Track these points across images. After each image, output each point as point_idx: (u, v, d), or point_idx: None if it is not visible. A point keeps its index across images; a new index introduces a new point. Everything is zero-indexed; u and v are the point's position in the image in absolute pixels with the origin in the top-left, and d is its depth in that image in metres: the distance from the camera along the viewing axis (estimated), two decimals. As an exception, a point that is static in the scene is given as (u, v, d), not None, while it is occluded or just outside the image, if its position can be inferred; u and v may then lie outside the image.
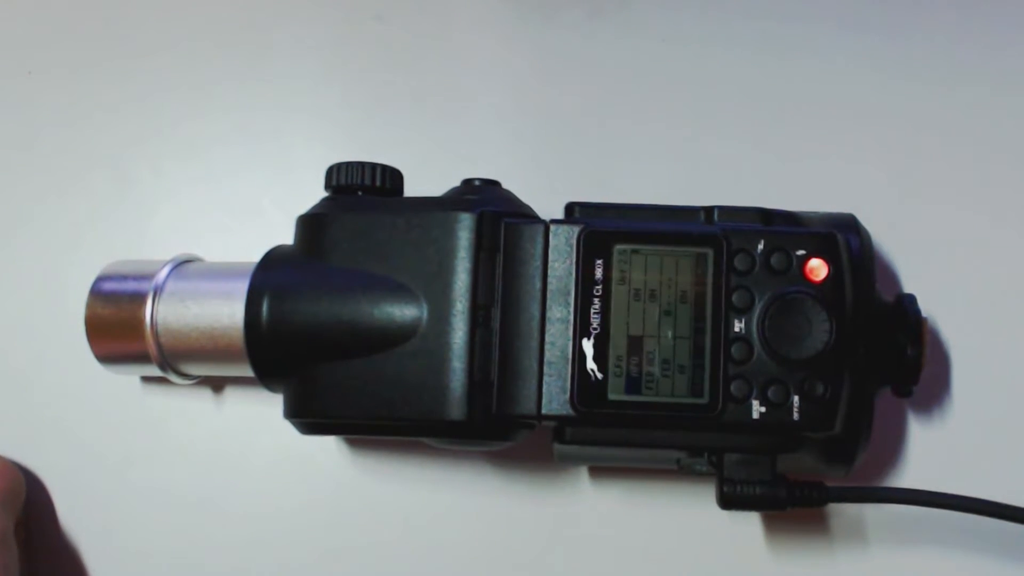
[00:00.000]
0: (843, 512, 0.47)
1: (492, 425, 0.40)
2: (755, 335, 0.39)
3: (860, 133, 0.50)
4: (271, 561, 0.48)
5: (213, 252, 0.46)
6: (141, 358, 0.44)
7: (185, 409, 0.49)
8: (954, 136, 0.50)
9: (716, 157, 0.50)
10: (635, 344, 0.40)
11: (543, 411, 0.40)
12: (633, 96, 0.51)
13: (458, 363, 0.40)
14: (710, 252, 0.40)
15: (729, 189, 0.47)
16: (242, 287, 0.42)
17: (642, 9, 0.52)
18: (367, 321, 0.40)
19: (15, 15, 0.54)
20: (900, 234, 0.48)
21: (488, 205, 0.41)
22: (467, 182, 0.43)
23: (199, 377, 0.47)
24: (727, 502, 0.40)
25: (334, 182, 0.44)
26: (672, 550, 0.47)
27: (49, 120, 0.53)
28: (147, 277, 0.44)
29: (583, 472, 0.48)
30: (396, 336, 0.40)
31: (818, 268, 0.40)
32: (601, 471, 0.48)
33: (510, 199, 0.43)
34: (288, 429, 0.44)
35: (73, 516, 0.48)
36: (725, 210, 0.42)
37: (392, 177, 0.44)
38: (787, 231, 0.41)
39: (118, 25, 0.53)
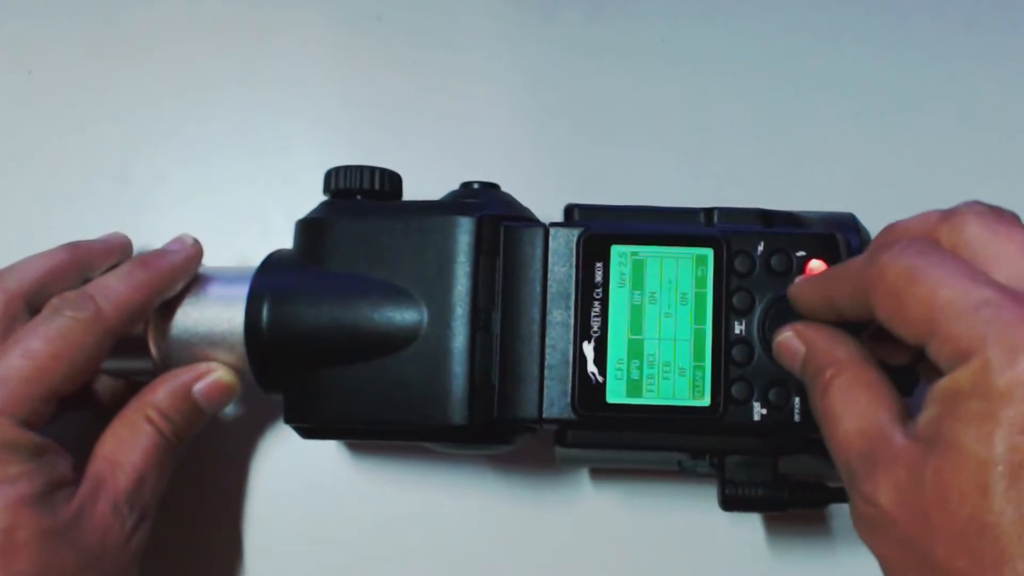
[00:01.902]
0: (844, 513, 0.46)
1: (493, 429, 0.41)
2: (756, 337, 0.40)
3: (859, 133, 0.50)
4: (271, 564, 0.48)
5: (212, 256, 0.46)
6: (140, 363, 0.44)
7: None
8: (954, 135, 0.50)
9: (716, 158, 0.50)
10: (636, 347, 0.40)
11: (544, 415, 0.40)
12: (633, 97, 0.51)
13: (459, 367, 0.40)
14: (710, 254, 0.40)
15: (729, 189, 0.47)
16: (242, 292, 0.42)
17: (642, 10, 0.52)
18: (367, 325, 0.40)
19: (15, 15, 0.54)
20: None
21: (487, 208, 0.41)
22: (466, 185, 0.43)
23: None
24: (729, 504, 0.40)
25: (333, 186, 0.44)
26: (673, 551, 0.47)
27: (49, 122, 0.53)
28: (146, 281, 0.44)
29: (584, 474, 0.48)
30: (397, 340, 0.40)
31: (818, 269, 0.40)
32: (602, 473, 0.48)
33: (509, 202, 0.43)
34: (288, 433, 0.44)
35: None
36: (725, 211, 0.42)
37: (391, 180, 0.44)
38: (787, 232, 0.41)
39: (119, 27, 0.53)
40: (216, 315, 0.43)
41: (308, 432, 0.43)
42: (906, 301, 0.31)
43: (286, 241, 0.44)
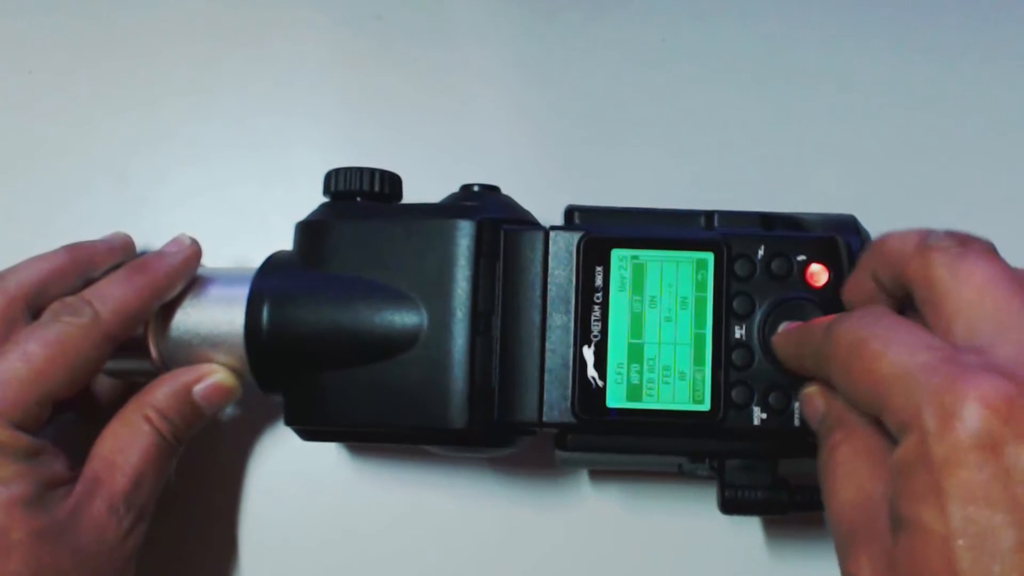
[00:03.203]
0: (844, 515, 0.47)
1: (493, 432, 0.41)
2: (756, 341, 0.39)
3: (860, 134, 0.50)
4: (270, 566, 0.48)
5: (212, 257, 0.46)
6: (140, 364, 0.44)
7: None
8: (954, 136, 0.50)
9: (716, 159, 0.50)
10: (635, 351, 0.40)
11: (544, 419, 0.40)
12: (633, 98, 0.51)
13: (459, 371, 0.40)
14: (710, 258, 0.40)
15: (729, 190, 0.47)
16: (242, 293, 0.42)
17: (642, 10, 0.52)
18: (368, 328, 0.40)
19: (15, 15, 0.54)
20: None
21: (487, 211, 0.41)
22: (466, 187, 0.43)
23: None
24: (729, 507, 0.40)
25: (333, 188, 0.44)
26: (673, 554, 0.47)
27: (50, 122, 0.52)
28: (146, 283, 0.44)
29: (584, 476, 0.48)
30: (397, 343, 0.40)
31: (819, 273, 0.40)
32: (602, 475, 0.48)
33: (509, 205, 0.43)
34: (288, 435, 0.44)
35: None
36: (725, 215, 0.42)
37: (391, 182, 0.44)
38: (787, 236, 0.41)
39: (119, 27, 0.53)
40: (216, 317, 0.43)
41: (308, 434, 0.43)
42: (854, 375, 0.31)
43: (286, 242, 0.44)
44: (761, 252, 0.40)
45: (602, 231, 0.41)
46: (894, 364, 0.29)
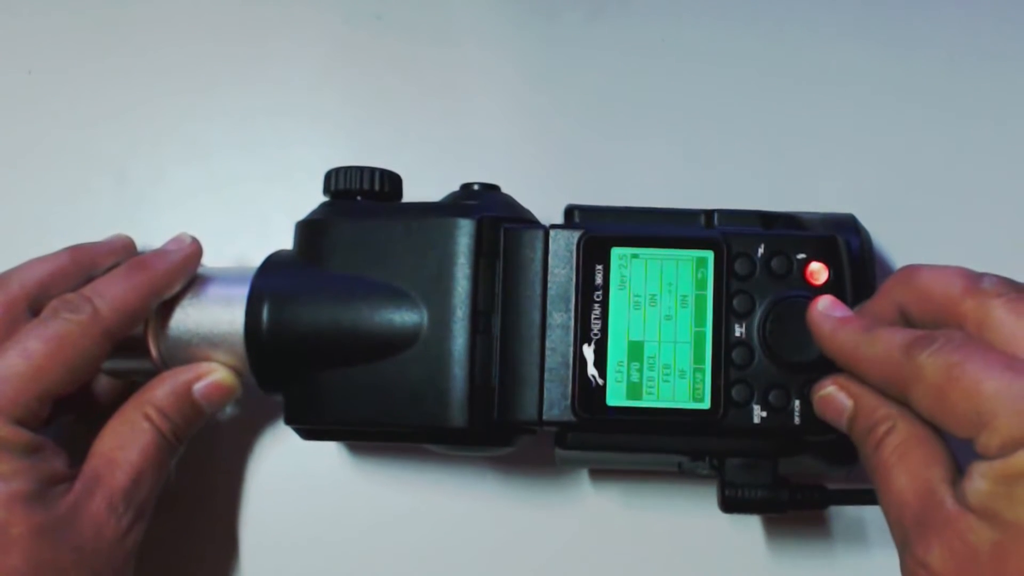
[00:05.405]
0: (844, 514, 0.47)
1: (493, 431, 0.41)
2: (756, 339, 0.40)
3: (860, 133, 0.50)
4: (270, 565, 0.48)
5: (212, 256, 0.46)
6: (140, 363, 0.44)
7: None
8: (954, 135, 0.50)
9: (716, 158, 0.50)
10: (636, 349, 0.40)
11: (544, 417, 0.40)
12: (633, 97, 0.51)
13: (459, 369, 0.40)
14: (710, 256, 0.40)
15: (729, 189, 0.47)
16: (242, 292, 0.42)
17: (642, 10, 0.52)
18: (367, 327, 0.40)
19: (15, 15, 0.54)
20: (900, 234, 0.48)
21: (487, 210, 0.41)
22: (466, 186, 0.43)
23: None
24: (729, 506, 0.40)
25: (333, 187, 0.44)
26: (673, 553, 0.47)
27: (49, 121, 0.52)
28: (146, 282, 0.44)
29: (584, 475, 0.48)
30: (397, 342, 0.40)
31: (819, 272, 0.40)
32: (602, 474, 0.48)
33: (509, 203, 0.43)
34: (288, 434, 0.44)
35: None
36: (725, 213, 0.42)
37: (391, 181, 0.44)
38: (787, 235, 0.41)
39: (119, 26, 0.53)
40: (216, 316, 0.43)
41: (308, 433, 0.43)
42: (950, 397, 0.32)
43: (286, 241, 0.44)
44: (761, 250, 0.40)
45: (602, 229, 0.41)
46: (1000, 385, 0.31)
